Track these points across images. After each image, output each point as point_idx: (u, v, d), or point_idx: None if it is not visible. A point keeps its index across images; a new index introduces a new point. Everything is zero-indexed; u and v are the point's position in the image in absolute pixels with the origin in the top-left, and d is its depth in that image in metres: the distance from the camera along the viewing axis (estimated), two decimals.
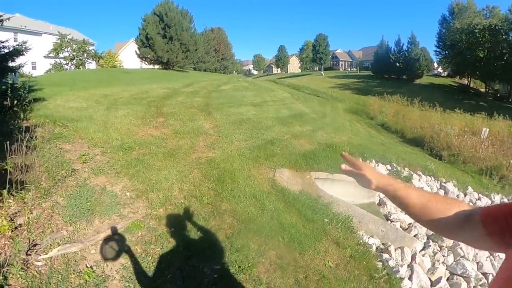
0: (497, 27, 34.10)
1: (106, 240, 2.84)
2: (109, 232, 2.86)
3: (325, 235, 3.74)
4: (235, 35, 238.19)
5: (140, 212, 3.40)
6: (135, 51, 29.51)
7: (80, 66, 28.93)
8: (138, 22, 34.25)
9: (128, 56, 44.00)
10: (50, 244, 2.58)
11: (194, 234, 3.21)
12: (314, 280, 2.95)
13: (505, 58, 33.95)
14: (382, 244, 4.27)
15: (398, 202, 1.08)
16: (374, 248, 4.03)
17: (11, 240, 2.47)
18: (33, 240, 2.55)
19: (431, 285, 3.85)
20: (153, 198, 3.71)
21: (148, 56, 27.66)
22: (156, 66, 29.86)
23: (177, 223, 3.32)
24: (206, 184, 4.35)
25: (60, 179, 3.51)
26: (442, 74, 57.86)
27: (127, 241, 2.91)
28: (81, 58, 29.44)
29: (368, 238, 4.23)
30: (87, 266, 2.56)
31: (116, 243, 2.86)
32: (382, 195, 5.40)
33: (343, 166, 1.19)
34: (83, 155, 4.28)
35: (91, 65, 31.87)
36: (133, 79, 15.49)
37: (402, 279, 3.52)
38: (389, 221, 5.07)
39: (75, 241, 2.65)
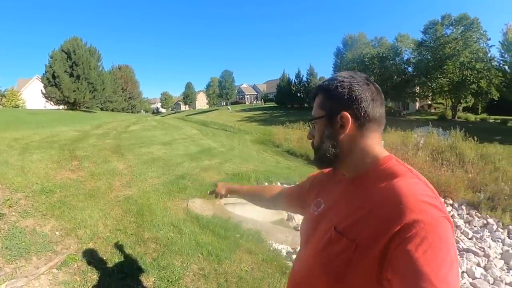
0: (384, 55, 39.00)
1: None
2: (48, 266, 3.11)
3: (238, 247, 4.27)
4: (142, 73, 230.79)
5: (72, 247, 3.64)
6: (41, 90, 26.47)
7: None
8: (44, 57, 31.56)
9: (32, 95, 38.75)
10: None
11: (124, 260, 3.56)
12: (233, 282, 3.49)
13: (394, 79, 38.62)
14: (291, 248, 4.82)
15: (243, 195, 1.66)
16: (284, 252, 4.58)
17: None
18: None
19: None
20: (82, 234, 3.96)
21: (55, 96, 25.17)
22: (61, 107, 27.24)
23: (107, 253, 3.64)
24: (128, 218, 4.68)
25: None
26: None
27: (65, 273, 3.18)
28: None
29: (278, 245, 4.77)
30: None
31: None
32: (290, 214, 6.23)
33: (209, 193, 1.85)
34: (7, 200, 4.30)
35: None
36: (41, 121, 14.54)
37: None
38: (298, 231, 5.72)
39: (19, 277, 2.86)
